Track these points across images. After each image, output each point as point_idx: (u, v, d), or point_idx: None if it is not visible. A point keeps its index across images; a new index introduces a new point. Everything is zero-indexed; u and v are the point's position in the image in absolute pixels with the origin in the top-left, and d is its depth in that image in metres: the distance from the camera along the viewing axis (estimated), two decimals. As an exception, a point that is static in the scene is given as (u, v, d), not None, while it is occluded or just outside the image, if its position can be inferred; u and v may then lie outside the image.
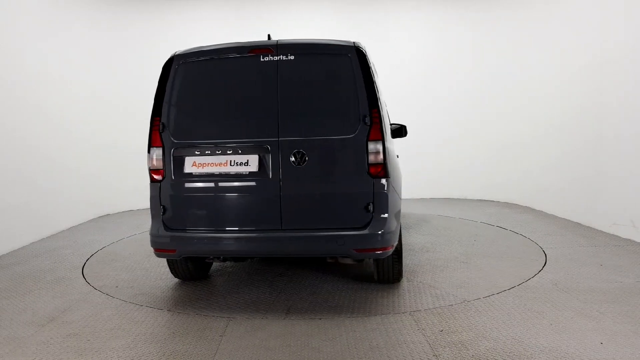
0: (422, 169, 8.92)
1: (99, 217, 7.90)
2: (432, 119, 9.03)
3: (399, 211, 3.88)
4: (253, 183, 3.51)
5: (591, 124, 6.42)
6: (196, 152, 3.58)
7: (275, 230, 3.49)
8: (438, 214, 7.69)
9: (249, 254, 3.82)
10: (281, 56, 3.55)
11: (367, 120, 3.43)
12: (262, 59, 3.57)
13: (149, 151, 3.68)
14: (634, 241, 5.47)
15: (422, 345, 2.92)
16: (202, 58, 3.69)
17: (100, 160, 7.90)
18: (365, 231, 3.41)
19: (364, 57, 3.53)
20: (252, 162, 3.50)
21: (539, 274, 4.33)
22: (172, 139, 3.63)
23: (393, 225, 3.54)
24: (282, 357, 2.81)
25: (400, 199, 4.01)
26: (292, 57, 3.55)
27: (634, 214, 5.53)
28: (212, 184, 3.57)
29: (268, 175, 3.48)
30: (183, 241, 3.59)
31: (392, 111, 7.34)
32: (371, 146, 3.42)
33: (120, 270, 4.72)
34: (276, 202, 3.48)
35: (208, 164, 3.56)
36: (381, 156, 3.43)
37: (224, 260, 4.04)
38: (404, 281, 4.16)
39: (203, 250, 3.66)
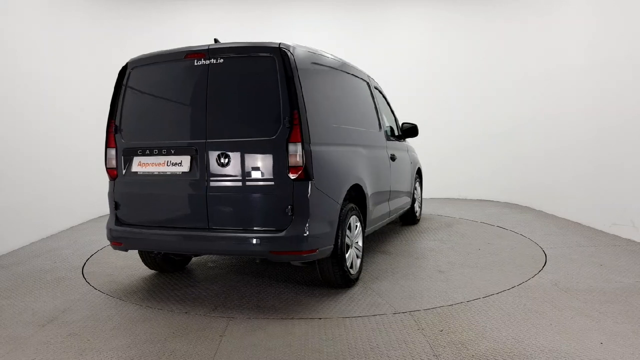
0: (422, 169, 8.92)
1: (99, 217, 7.90)
2: (432, 119, 9.04)
3: (334, 215, 3.74)
4: (185, 183, 3.67)
5: (591, 123, 6.43)
6: (140, 153, 3.83)
7: (203, 229, 3.63)
8: (447, 215, 7.69)
9: (182, 251, 3.95)
10: (212, 60, 3.66)
11: (288, 122, 3.42)
12: (195, 63, 3.70)
13: (105, 151, 4.01)
14: (634, 241, 5.47)
15: (422, 345, 2.92)
16: (148, 64, 3.93)
17: (101, 160, 7.89)
18: (282, 234, 3.42)
19: (288, 58, 3.49)
20: (184, 163, 3.67)
21: (539, 274, 4.33)
22: (122, 140, 3.93)
23: (316, 229, 3.50)
24: (282, 357, 2.81)
25: (336, 202, 3.77)
26: (221, 61, 3.64)
27: (634, 214, 5.53)
28: (152, 183, 3.80)
29: (197, 175, 3.63)
30: (128, 235, 3.87)
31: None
32: (291, 148, 3.41)
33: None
34: (203, 202, 3.61)
35: (150, 164, 3.79)
36: (300, 158, 3.41)
37: (166, 254, 4.29)
38: (358, 287, 4.05)
39: (144, 245, 3.94)
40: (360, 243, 4.25)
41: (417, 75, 9.22)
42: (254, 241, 3.45)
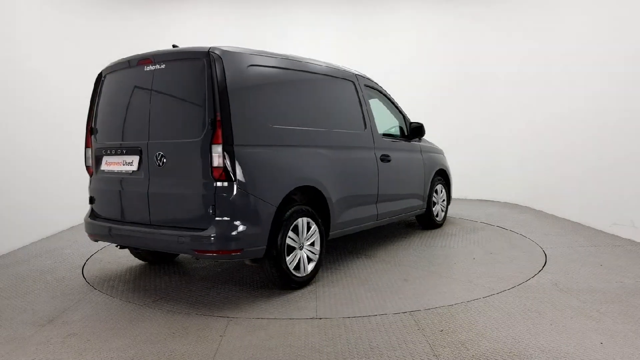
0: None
1: (99, 217, 7.90)
2: (431, 120, 9.01)
3: (265, 216, 3.70)
4: (134, 181, 3.95)
5: (591, 123, 6.42)
6: (104, 152, 4.20)
7: (146, 225, 3.88)
8: (474, 219, 7.66)
9: (133, 245, 4.16)
10: (157, 65, 3.88)
11: (212, 124, 3.52)
12: (145, 69, 3.95)
13: (85, 151, 4.44)
14: (634, 241, 5.47)
15: (422, 345, 2.92)
16: (116, 70, 4.25)
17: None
18: (204, 232, 3.52)
19: (215, 62, 3.59)
20: (134, 163, 3.95)
21: (539, 274, 4.33)
22: (96, 140, 4.33)
23: (239, 229, 3.54)
24: (282, 357, 2.81)
25: (271, 204, 3.73)
26: (163, 66, 3.86)
27: (634, 214, 5.53)
28: (114, 181, 4.13)
29: (142, 175, 3.89)
30: (96, 228, 4.22)
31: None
32: (213, 149, 3.52)
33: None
34: (146, 200, 3.86)
35: (113, 163, 4.14)
36: (221, 160, 3.50)
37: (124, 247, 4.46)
38: (306, 289, 4.02)
39: (107, 238, 4.19)
40: (317, 246, 4.19)
41: (416, 75, 9.21)
42: (181, 239, 3.61)
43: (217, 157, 3.50)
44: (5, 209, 5.54)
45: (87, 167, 4.45)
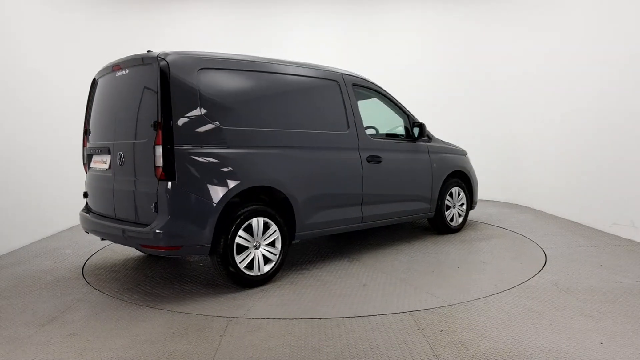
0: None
1: (99, 217, 7.89)
2: (431, 119, 9.02)
3: (207, 215, 3.75)
4: (106, 179, 4.30)
5: (591, 123, 6.42)
6: (92, 152, 4.60)
7: (112, 219, 4.23)
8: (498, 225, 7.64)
9: (106, 238, 4.33)
10: (123, 71, 4.19)
11: (154, 126, 3.73)
12: (117, 74, 4.27)
13: (82, 150, 4.88)
14: (634, 241, 5.47)
15: (422, 345, 2.92)
16: (103, 75, 4.54)
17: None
18: (146, 228, 3.74)
19: (160, 66, 3.77)
20: (107, 161, 4.31)
21: (539, 274, 4.33)
22: (88, 141, 4.76)
23: (179, 227, 3.71)
24: (282, 357, 2.81)
25: (214, 203, 3.77)
26: (127, 71, 4.15)
27: (634, 214, 5.53)
28: (96, 178, 4.54)
29: (110, 173, 4.24)
30: (84, 221, 4.57)
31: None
32: (155, 150, 3.73)
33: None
34: (112, 196, 4.23)
35: (96, 161, 4.54)
36: (161, 160, 3.70)
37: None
38: (258, 288, 4.03)
39: (91, 230, 4.46)
40: (278, 246, 4.18)
41: (416, 75, 9.21)
42: (131, 234, 3.87)
43: (159, 157, 3.71)
44: (5, 209, 5.54)
45: (84, 165, 4.88)
